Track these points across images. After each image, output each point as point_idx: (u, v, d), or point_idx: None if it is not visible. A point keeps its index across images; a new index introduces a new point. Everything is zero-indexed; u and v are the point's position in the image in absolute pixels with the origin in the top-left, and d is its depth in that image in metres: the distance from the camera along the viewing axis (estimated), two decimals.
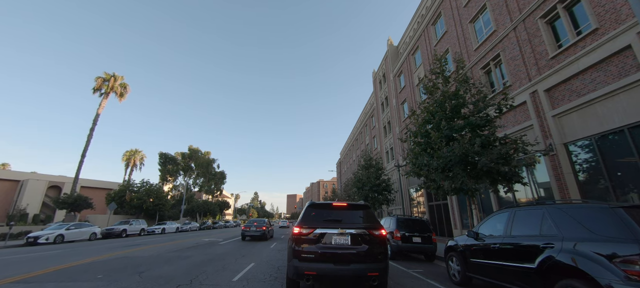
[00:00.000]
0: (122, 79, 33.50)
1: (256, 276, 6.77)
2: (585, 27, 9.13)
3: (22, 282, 6.03)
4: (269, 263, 8.75)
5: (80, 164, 29.89)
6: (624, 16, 7.89)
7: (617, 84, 7.92)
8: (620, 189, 7.91)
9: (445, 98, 9.97)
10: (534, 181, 10.71)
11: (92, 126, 30.64)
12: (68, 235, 18.25)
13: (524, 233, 4.60)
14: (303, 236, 4.88)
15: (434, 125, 10.03)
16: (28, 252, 12.21)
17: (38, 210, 36.95)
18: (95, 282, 6.08)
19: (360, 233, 4.88)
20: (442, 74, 10.65)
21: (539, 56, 10.69)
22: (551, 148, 9.73)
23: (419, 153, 10.41)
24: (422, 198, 20.93)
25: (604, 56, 8.28)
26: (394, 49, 29.22)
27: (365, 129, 41.26)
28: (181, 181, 49.65)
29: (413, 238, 10.06)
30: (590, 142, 8.81)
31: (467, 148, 8.19)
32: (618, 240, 3.22)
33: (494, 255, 5.10)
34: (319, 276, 4.61)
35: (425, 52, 20.55)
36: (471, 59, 14.56)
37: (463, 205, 14.91)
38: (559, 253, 3.71)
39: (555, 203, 4.51)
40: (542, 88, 10.32)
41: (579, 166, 9.22)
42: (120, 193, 33.72)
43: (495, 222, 5.52)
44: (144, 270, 7.43)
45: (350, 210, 5.41)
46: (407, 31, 25.35)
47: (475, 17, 14.78)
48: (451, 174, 8.86)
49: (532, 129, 10.80)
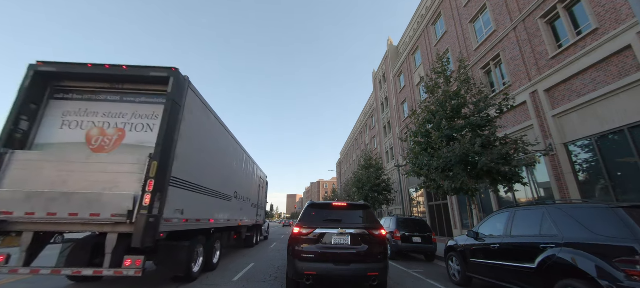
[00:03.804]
0: None
1: (256, 276, 6.77)
2: (586, 27, 9.13)
3: (22, 282, 6.02)
4: (269, 263, 8.75)
5: None
6: (624, 16, 7.89)
7: (617, 84, 7.92)
8: (620, 189, 7.91)
9: (446, 98, 9.97)
10: (534, 181, 10.74)
11: None
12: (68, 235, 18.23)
13: (524, 233, 4.60)
14: (303, 236, 4.88)
15: (434, 125, 10.02)
16: None
17: None
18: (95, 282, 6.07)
19: (360, 233, 4.89)
20: (444, 73, 10.65)
21: (539, 56, 10.69)
22: (551, 149, 9.73)
23: (419, 153, 10.41)
24: (422, 198, 20.93)
25: (604, 56, 8.28)
26: (394, 49, 29.23)
27: (365, 129, 41.26)
28: None
29: (413, 238, 10.06)
30: (590, 142, 8.81)
31: (467, 148, 8.19)
32: (618, 240, 3.22)
33: (494, 255, 5.11)
34: (319, 276, 4.62)
35: (425, 52, 20.56)
36: (471, 59, 14.56)
37: (463, 205, 14.91)
38: (559, 253, 3.72)
39: (555, 203, 4.52)
40: (542, 88, 10.32)
41: (579, 166, 9.22)
42: None
43: (495, 222, 5.52)
44: None
45: (350, 210, 5.41)
46: (407, 31, 25.35)
47: (475, 17, 14.78)
48: (451, 174, 8.86)
49: (532, 129, 10.80)
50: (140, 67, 5.45)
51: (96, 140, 5.30)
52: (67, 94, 5.65)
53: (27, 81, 5.11)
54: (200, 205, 6.39)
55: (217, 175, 7.57)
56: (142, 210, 4.41)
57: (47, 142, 5.23)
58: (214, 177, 7.32)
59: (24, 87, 5.08)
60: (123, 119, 5.50)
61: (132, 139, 5.35)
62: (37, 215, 4.44)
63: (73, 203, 4.51)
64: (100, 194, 4.57)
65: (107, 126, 5.44)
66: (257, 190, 13.20)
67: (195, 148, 6.10)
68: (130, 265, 4.38)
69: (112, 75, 5.49)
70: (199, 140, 6.37)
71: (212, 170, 7.20)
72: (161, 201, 4.73)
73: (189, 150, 5.79)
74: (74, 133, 5.33)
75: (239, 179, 9.93)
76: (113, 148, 5.27)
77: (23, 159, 4.79)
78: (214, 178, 7.36)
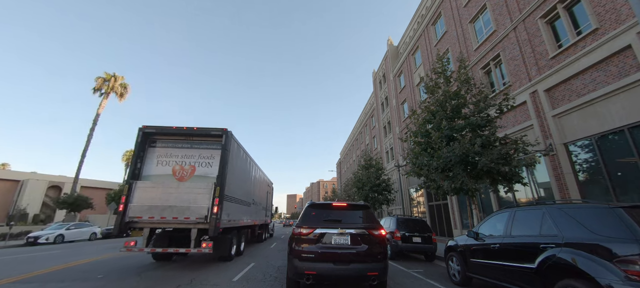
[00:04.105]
0: (123, 79, 33.46)
1: (256, 276, 6.77)
2: (586, 27, 9.13)
3: (22, 282, 6.03)
4: (269, 263, 8.75)
5: (80, 164, 29.88)
6: (624, 16, 7.89)
7: (617, 83, 7.92)
8: (620, 189, 7.91)
9: (446, 97, 9.97)
10: (534, 181, 10.72)
11: (92, 126, 30.62)
12: (68, 235, 18.26)
13: (524, 233, 4.60)
14: (303, 236, 4.90)
15: (434, 125, 10.02)
16: (28, 252, 12.22)
17: (38, 210, 36.95)
18: (95, 281, 6.08)
19: (360, 233, 4.90)
20: (444, 73, 10.65)
21: (539, 56, 10.69)
22: (551, 149, 9.72)
23: (419, 153, 10.41)
24: (422, 198, 20.93)
25: (604, 56, 8.28)
26: (394, 49, 29.22)
27: (365, 129, 41.25)
28: None
29: (413, 238, 10.06)
30: (590, 142, 8.81)
31: (467, 148, 8.19)
32: (618, 240, 3.22)
33: (494, 255, 5.10)
34: (319, 275, 4.64)
35: (425, 52, 20.56)
36: (471, 59, 14.55)
37: (463, 205, 14.91)
38: (559, 253, 3.72)
39: (555, 203, 4.52)
40: (542, 88, 10.32)
41: (579, 166, 9.22)
42: (120, 193, 33.72)
43: (495, 222, 5.52)
44: (144, 270, 7.44)
45: (350, 210, 5.43)
46: (407, 31, 25.35)
47: (475, 17, 14.78)
48: (451, 174, 8.86)
49: (532, 129, 10.80)
50: (205, 128, 8.42)
51: (178, 172, 8.29)
52: (158, 144, 8.53)
53: (138, 138, 8.04)
54: (236, 211, 9.33)
55: (243, 188, 10.50)
56: (212, 216, 7.35)
57: (150, 174, 8.19)
58: (242, 190, 10.26)
59: (137, 141, 8.03)
60: (193, 159, 8.46)
61: (200, 172, 8.35)
62: (155, 218, 7.46)
63: (174, 211, 7.49)
64: (188, 207, 7.54)
65: (184, 163, 8.42)
66: (265, 196, 15.92)
67: (234, 175, 9.11)
68: (205, 247, 7.23)
69: (187, 132, 8.43)
70: (237, 168, 9.44)
71: (241, 185, 10.20)
72: (220, 210, 7.52)
73: (232, 176, 8.74)
74: (165, 168, 8.32)
75: (254, 189, 12.68)
76: (189, 177, 8.25)
77: (141, 186, 7.73)
78: (242, 191, 10.30)
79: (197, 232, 7.40)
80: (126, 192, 7.46)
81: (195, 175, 8.25)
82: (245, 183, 10.80)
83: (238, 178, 9.61)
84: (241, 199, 10.03)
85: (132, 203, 7.46)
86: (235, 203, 9.24)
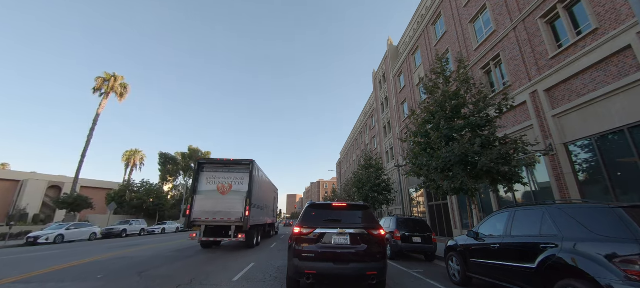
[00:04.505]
0: (123, 79, 33.49)
1: (256, 276, 6.77)
2: (585, 27, 9.13)
3: (22, 282, 6.03)
4: (269, 262, 8.75)
5: (80, 164, 29.89)
6: (624, 16, 7.89)
7: (617, 84, 7.92)
8: (620, 189, 7.91)
9: (446, 98, 9.96)
10: (534, 181, 10.72)
11: (92, 126, 30.63)
12: (68, 235, 18.26)
13: (524, 233, 4.60)
14: (303, 236, 4.91)
15: (434, 125, 10.02)
16: (28, 252, 12.22)
17: (38, 210, 36.96)
18: (95, 282, 6.08)
19: (360, 233, 4.91)
20: (443, 73, 10.65)
21: (539, 56, 10.69)
22: (551, 149, 9.72)
23: (419, 153, 10.41)
24: (422, 198, 20.94)
25: (604, 56, 8.28)
26: (394, 49, 29.23)
27: (365, 129, 41.27)
28: (181, 181, 49.66)
29: (413, 238, 10.05)
30: (590, 142, 8.81)
31: (467, 148, 8.19)
32: (618, 240, 3.22)
33: (494, 255, 5.10)
34: (318, 275, 4.66)
35: (425, 52, 20.56)
36: (471, 59, 14.56)
37: (463, 205, 14.92)
38: (559, 253, 3.71)
39: (555, 203, 4.51)
40: (542, 88, 10.32)
41: (579, 166, 9.22)
42: (120, 193, 33.74)
43: (495, 222, 5.52)
44: (144, 270, 7.43)
45: (349, 210, 5.44)
46: (407, 31, 25.36)
47: (475, 17, 14.79)
48: (451, 174, 8.86)
49: (532, 129, 10.80)
50: (238, 159, 12.41)
51: (221, 189, 12.02)
52: (206, 169, 12.29)
53: (196, 166, 12.33)
54: (257, 214, 13.16)
55: (261, 198, 14.32)
56: (245, 217, 11.31)
57: (202, 190, 11.91)
58: (260, 199, 14.07)
59: (195, 169, 12.28)
60: (230, 180, 12.16)
61: (236, 188, 12.05)
62: (209, 219, 11.38)
63: (221, 215, 11.45)
64: (229, 211, 11.51)
65: (224, 182, 12.13)
66: (273, 201, 20.09)
67: (256, 189, 12.89)
68: (241, 237, 11.23)
69: (225, 162, 12.34)
70: (257, 185, 13.21)
71: (260, 196, 14.10)
72: (250, 213, 11.47)
73: (255, 191, 12.53)
74: (212, 186, 12.04)
75: (266, 196, 16.36)
76: (228, 192, 11.98)
77: (199, 198, 11.73)
78: (260, 200, 14.09)
79: (235, 228, 11.31)
80: (190, 202, 11.58)
81: (232, 190, 11.96)
82: (262, 194, 14.68)
83: (258, 191, 13.41)
84: (259, 205, 13.82)
85: (194, 209, 11.45)
86: (257, 208, 13.03)
